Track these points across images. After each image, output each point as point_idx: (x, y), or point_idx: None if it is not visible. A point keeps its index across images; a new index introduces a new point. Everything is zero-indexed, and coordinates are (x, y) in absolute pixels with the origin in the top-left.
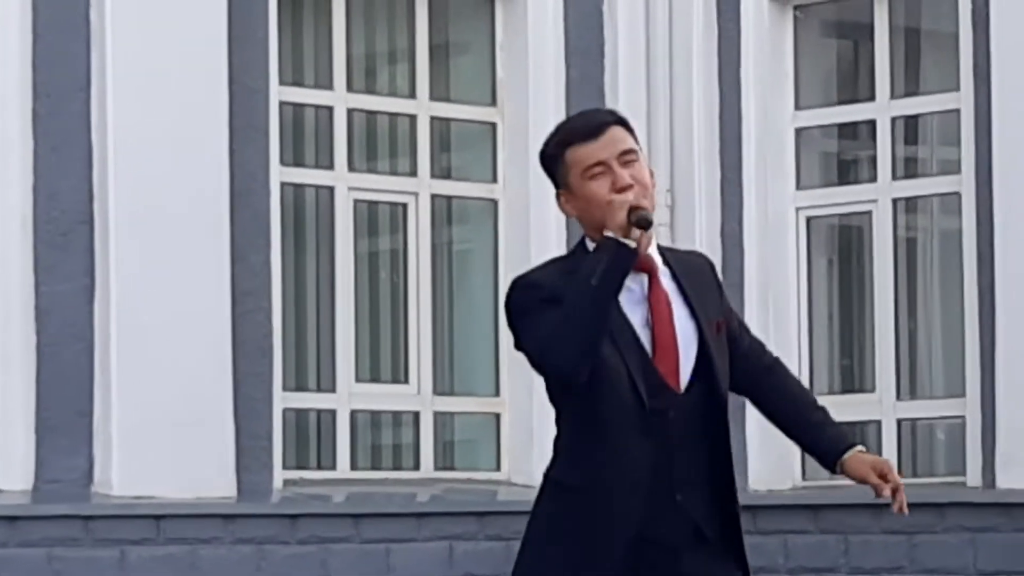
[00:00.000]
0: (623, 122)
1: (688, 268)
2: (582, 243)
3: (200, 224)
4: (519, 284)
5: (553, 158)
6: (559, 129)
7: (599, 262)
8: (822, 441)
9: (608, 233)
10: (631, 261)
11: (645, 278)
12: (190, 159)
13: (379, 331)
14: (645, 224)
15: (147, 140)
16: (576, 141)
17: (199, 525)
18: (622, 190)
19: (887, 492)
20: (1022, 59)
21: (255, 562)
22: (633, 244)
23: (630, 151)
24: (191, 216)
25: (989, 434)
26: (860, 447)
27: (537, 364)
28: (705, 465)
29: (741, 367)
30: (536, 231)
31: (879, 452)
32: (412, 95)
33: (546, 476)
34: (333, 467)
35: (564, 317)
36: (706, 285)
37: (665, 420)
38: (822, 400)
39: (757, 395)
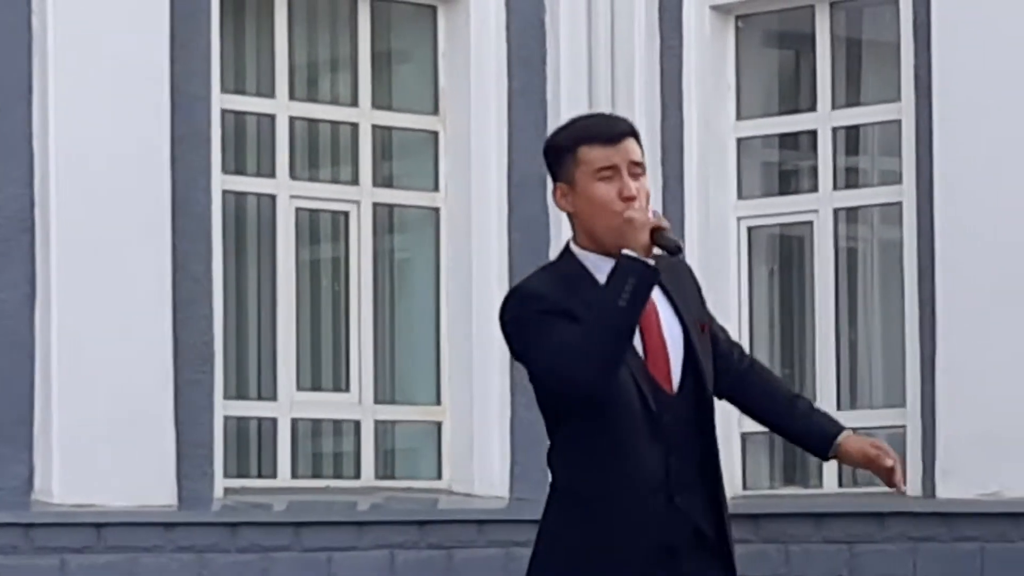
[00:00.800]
0: (638, 136)
1: (670, 271)
2: (568, 249)
3: (142, 232)
4: (515, 295)
5: (563, 150)
6: (576, 122)
7: (624, 281)
8: (812, 430)
9: (629, 252)
10: (655, 279)
11: None
12: (131, 166)
13: (320, 339)
14: (675, 249)
15: (89, 147)
16: (594, 140)
17: (140, 533)
18: (627, 199)
19: (889, 462)
20: (963, 70)
21: (196, 570)
22: (653, 262)
23: (640, 164)
24: (133, 224)
25: (929, 444)
26: (849, 430)
27: (543, 378)
28: (699, 465)
29: (723, 368)
30: (477, 240)
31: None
32: (354, 103)
33: (554, 488)
34: (274, 475)
35: (589, 336)
36: (688, 287)
37: (662, 423)
38: None
39: (739, 395)
